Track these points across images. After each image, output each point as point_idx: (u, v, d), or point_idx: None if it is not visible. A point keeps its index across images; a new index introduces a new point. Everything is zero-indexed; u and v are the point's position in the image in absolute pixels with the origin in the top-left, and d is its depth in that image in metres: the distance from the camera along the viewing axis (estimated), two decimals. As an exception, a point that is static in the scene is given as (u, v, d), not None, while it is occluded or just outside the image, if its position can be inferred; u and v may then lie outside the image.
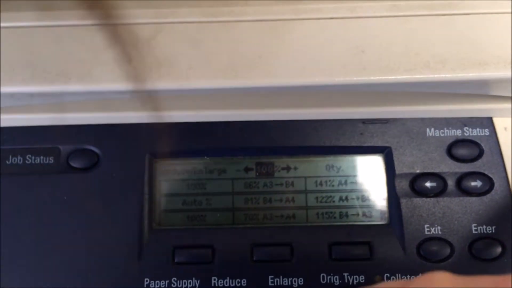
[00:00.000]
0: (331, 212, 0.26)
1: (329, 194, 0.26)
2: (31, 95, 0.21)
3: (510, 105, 0.25)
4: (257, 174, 0.26)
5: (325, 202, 0.26)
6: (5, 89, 0.21)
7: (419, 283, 0.16)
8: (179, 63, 0.21)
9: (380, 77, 0.21)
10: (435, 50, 0.22)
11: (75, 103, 0.24)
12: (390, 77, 0.21)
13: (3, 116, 0.25)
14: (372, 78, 0.21)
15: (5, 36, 0.22)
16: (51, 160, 0.26)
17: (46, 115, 0.25)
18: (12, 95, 0.21)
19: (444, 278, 0.15)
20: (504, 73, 0.23)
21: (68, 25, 0.22)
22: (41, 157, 0.26)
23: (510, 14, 0.23)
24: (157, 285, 0.24)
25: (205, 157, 0.26)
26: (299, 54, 0.22)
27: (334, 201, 0.26)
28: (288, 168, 0.26)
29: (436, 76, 0.21)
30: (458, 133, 0.26)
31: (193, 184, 0.26)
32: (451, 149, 0.26)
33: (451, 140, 0.26)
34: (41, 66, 0.21)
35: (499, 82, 0.23)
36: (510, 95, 0.25)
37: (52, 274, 0.24)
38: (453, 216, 0.25)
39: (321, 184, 0.26)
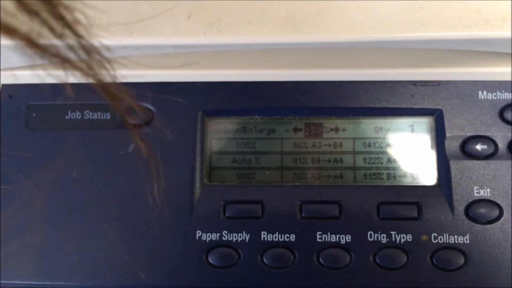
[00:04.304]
0: (379, 173, 0.26)
1: (377, 156, 0.26)
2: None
3: None
4: (306, 134, 0.27)
5: (373, 163, 0.26)
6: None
7: None
8: (238, 19, 0.21)
9: (439, 34, 0.21)
10: (494, 8, 0.22)
11: (132, 60, 0.25)
12: (449, 34, 0.21)
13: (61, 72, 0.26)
14: (431, 34, 0.21)
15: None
16: (107, 116, 0.27)
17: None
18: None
19: None
20: None
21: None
22: (99, 113, 0.27)
23: None
24: (209, 237, 0.25)
25: (255, 116, 0.27)
26: (357, 10, 0.22)
27: (382, 163, 0.26)
28: (336, 129, 0.27)
29: (496, 33, 0.21)
30: (511, 96, 0.26)
31: (243, 143, 0.27)
32: (503, 113, 0.25)
33: (503, 104, 0.25)
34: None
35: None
36: None
37: (107, 222, 0.25)
38: (503, 178, 0.25)
39: (369, 145, 0.26)
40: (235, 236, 0.25)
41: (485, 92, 0.26)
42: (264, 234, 0.25)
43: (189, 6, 0.22)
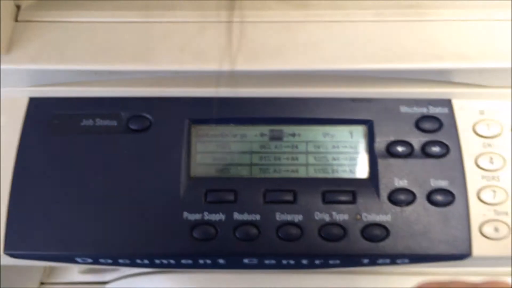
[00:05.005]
0: (325, 169, 0.34)
1: (324, 155, 0.34)
2: (110, 72, 0.29)
3: (465, 90, 0.33)
4: (270, 138, 0.34)
5: (321, 161, 0.34)
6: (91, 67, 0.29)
7: None
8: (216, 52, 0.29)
9: (369, 65, 0.29)
10: (404, 44, 0.30)
11: (135, 80, 0.32)
12: (375, 66, 0.29)
13: (79, 89, 0.33)
14: (362, 66, 0.29)
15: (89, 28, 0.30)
16: (114, 123, 0.34)
17: (112, 89, 0.33)
18: (95, 72, 0.30)
19: None
20: (460, 65, 0.30)
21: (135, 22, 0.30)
22: (107, 121, 0.34)
23: (465, 21, 0.31)
24: (193, 217, 0.32)
25: (231, 124, 0.34)
26: (307, 47, 0.30)
27: (328, 160, 0.34)
28: (294, 134, 0.34)
29: (410, 65, 0.29)
30: (424, 110, 0.33)
31: (221, 145, 0.34)
32: (418, 123, 0.33)
33: (418, 116, 0.33)
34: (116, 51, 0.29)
35: (457, 71, 0.31)
36: (465, 82, 0.32)
37: (111, 206, 0.32)
38: (417, 172, 0.32)
39: (318, 147, 0.34)
40: (214, 216, 0.32)
41: (405, 107, 0.34)
42: (236, 214, 0.32)
43: (181, 42, 0.29)
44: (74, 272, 0.53)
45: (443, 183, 0.32)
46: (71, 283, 0.53)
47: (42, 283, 0.53)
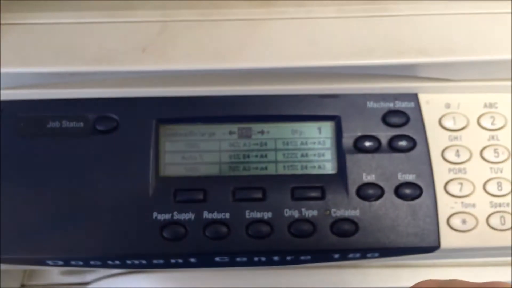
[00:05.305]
0: (294, 165, 0.34)
1: (293, 152, 0.34)
2: (72, 74, 0.29)
3: (430, 84, 0.33)
4: (239, 136, 0.34)
5: (290, 157, 0.34)
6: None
7: None
8: (179, 51, 0.29)
9: (334, 62, 0.29)
10: (368, 41, 0.30)
11: (101, 82, 0.32)
12: (341, 62, 0.29)
13: (46, 91, 0.33)
14: (327, 62, 0.29)
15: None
16: (81, 124, 0.33)
17: (79, 90, 0.33)
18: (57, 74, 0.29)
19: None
20: (422, 60, 0.31)
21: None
22: (74, 122, 0.33)
23: (426, 15, 0.31)
24: (162, 217, 0.32)
25: (199, 123, 0.34)
26: (271, 43, 0.30)
27: (297, 157, 0.34)
28: (262, 132, 0.34)
29: (375, 61, 0.29)
30: (390, 105, 0.34)
31: (189, 144, 0.34)
32: (385, 117, 0.33)
33: (385, 111, 0.34)
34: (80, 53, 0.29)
35: (421, 66, 0.31)
36: (430, 76, 0.33)
37: (83, 208, 0.32)
38: (385, 167, 0.33)
39: (287, 144, 0.34)
40: (183, 215, 0.32)
41: (372, 102, 0.34)
42: (205, 213, 0.32)
43: (144, 42, 0.29)
44: (55, 274, 0.53)
45: (410, 177, 0.32)
46: (52, 285, 0.53)
47: (23, 285, 0.52)
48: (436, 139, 0.33)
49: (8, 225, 0.32)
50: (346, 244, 0.32)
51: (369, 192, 0.32)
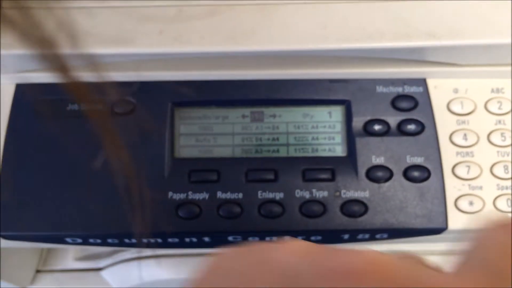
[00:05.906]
0: (305, 148, 0.35)
1: (304, 135, 0.35)
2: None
3: (439, 69, 0.34)
4: (251, 119, 0.35)
5: (301, 140, 0.35)
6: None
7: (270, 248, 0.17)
8: (194, 34, 0.30)
9: (345, 45, 0.30)
10: (378, 25, 0.31)
11: (118, 65, 0.33)
12: (353, 45, 0.30)
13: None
14: (338, 45, 0.30)
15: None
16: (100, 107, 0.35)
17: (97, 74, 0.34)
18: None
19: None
20: (431, 43, 0.31)
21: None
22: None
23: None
24: (178, 197, 0.33)
25: (213, 106, 0.35)
26: (283, 27, 0.31)
27: (308, 140, 0.35)
28: (274, 115, 0.35)
29: (384, 44, 0.30)
30: (399, 90, 0.34)
31: (203, 126, 0.35)
32: (394, 102, 0.34)
33: (394, 95, 0.34)
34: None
35: (430, 49, 0.32)
36: (438, 61, 0.33)
37: (100, 186, 0.33)
38: (394, 150, 0.34)
39: (298, 127, 0.35)
40: (198, 195, 0.33)
41: (381, 87, 0.35)
42: (219, 193, 0.33)
43: (160, 26, 0.30)
44: (69, 259, 0.54)
45: (419, 160, 0.33)
46: (66, 270, 0.54)
47: (38, 271, 0.54)
48: (444, 123, 0.34)
49: (30, 204, 0.33)
50: (355, 224, 0.33)
51: (378, 174, 0.33)
